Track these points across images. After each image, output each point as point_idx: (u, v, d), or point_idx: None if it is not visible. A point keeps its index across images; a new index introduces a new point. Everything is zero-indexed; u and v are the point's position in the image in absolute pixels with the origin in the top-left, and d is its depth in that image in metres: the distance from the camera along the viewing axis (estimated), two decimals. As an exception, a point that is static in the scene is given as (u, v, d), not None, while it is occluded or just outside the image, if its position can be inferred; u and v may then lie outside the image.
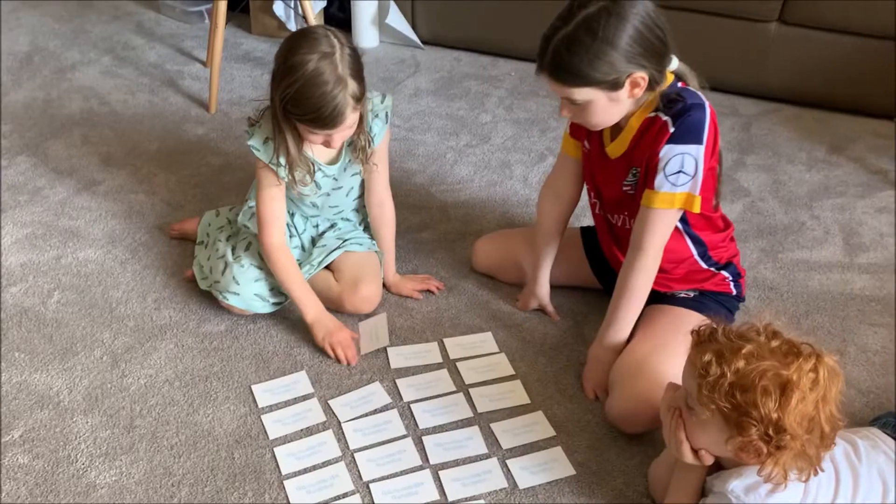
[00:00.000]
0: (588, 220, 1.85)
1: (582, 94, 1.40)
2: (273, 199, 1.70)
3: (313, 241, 1.89)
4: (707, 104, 1.46)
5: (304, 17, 2.71)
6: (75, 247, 2.02)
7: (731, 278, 1.67)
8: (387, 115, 1.72)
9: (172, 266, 1.96)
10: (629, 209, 1.58)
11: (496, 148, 2.50)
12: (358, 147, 1.70)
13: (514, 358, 1.72)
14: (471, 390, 1.64)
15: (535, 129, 2.59)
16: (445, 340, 1.76)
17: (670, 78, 1.48)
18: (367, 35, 3.13)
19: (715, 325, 1.24)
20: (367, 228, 1.92)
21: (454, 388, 1.64)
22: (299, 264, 1.81)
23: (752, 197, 2.32)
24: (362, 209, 1.90)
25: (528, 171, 2.38)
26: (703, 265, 1.63)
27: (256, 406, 1.59)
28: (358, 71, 1.54)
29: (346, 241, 1.84)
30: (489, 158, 2.45)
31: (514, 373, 1.68)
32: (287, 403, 1.60)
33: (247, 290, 1.73)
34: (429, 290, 1.88)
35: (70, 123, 2.57)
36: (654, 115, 1.47)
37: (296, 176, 1.66)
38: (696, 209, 1.48)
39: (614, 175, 1.57)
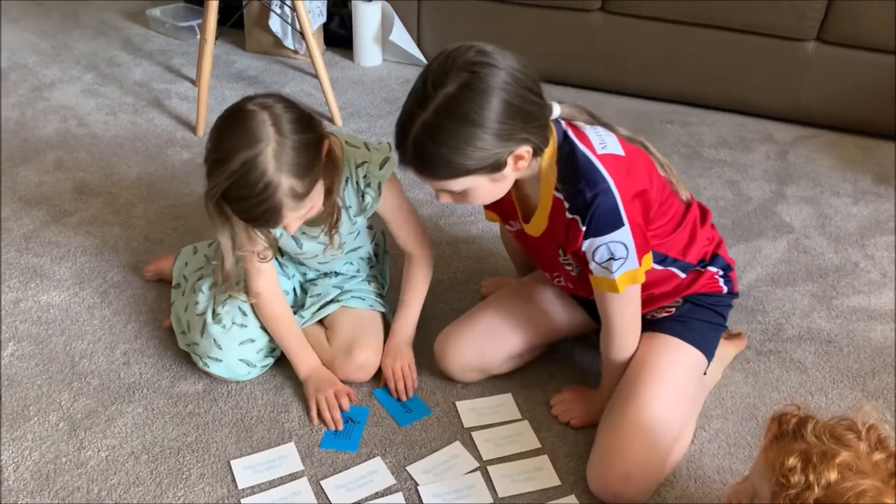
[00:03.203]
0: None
1: (459, 184, 1.20)
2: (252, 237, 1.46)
3: (304, 289, 1.65)
4: (609, 181, 1.22)
5: (302, 34, 2.49)
6: (38, 288, 1.78)
7: (720, 272, 1.47)
8: (380, 186, 1.46)
9: (147, 312, 1.72)
10: (574, 283, 1.44)
11: (510, 176, 2.28)
12: (328, 222, 1.45)
13: (539, 426, 1.48)
14: (489, 468, 1.39)
15: (552, 155, 2.37)
16: (458, 404, 1.52)
17: (554, 134, 1.27)
18: (369, 53, 2.94)
19: (802, 415, 0.99)
20: (371, 280, 1.69)
21: (470, 467, 1.39)
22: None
23: (796, 234, 2.09)
24: (358, 261, 1.67)
25: (546, 202, 2.15)
26: (682, 275, 1.44)
27: (236, 487, 1.35)
28: (300, 164, 1.25)
29: (344, 292, 1.60)
30: (503, 188, 2.23)
31: (539, 445, 1.44)
32: (272, 484, 1.35)
33: (230, 355, 1.49)
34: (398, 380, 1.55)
35: (44, 146, 2.35)
36: (559, 195, 1.28)
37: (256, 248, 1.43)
38: (642, 277, 1.30)
39: (546, 252, 1.40)
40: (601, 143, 1.26)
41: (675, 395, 1.37)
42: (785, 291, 1.87)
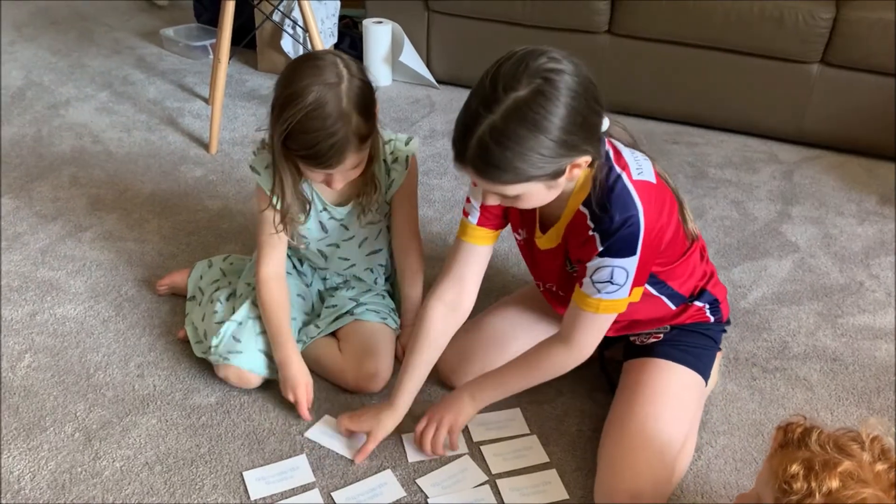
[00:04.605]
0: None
1: (516, 189, 1.18)
2: (272, 225, 1.52)
3: (321, 298, 1.68)
4: (639, 209, 1.22)
5: (314, 53, 2.53)
6: (53, 301, 1.81)
7: (707, 307, 1.48)
8: (407, 160, 1.54)
9: (160, 325, 1.75)
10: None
11: (518, 195, 2.31)
12: (362, 192, 1.52)
13: (548, 441, 1.50)
14: (498, 481, 1.41)
15: (560, 174, 2.40)
16: (468, 418, 1.53)
17: None
18: (379, 73, 2.98)
19: (808, 425, 1.01)
20: (385, 294, 1.72)
21: (479, 480, 1.41)
22: (305, 322, 1.62)
23: (801, 253, 2.11)
24: (378, 269, 1.70)
25: (554, 220, 2.18)
26: (674, 307, 1.46)
27: (248, 497, 1.37)
28: (366, 106, 1.35)
29: (359, 304, 1.63)
30: (511, 206, 2.26)
31: (548, 460, 1.46)
32: (283, 495, 1.37)
33: (250, 346, 1.52)
34: None
35: (59, 163, 2.39)
36: (584, 210, 1.27)
37: (286, 209, 1.48)
38: (624, 306, 1.31)
39: (552, 264, 1.41)
40: (637, 169, 1.26)
41: (675, 410, 1.39)
42: (790, 310, 1.89)
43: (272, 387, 1.58)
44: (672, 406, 1.39)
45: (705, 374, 1.47)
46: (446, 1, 2.84)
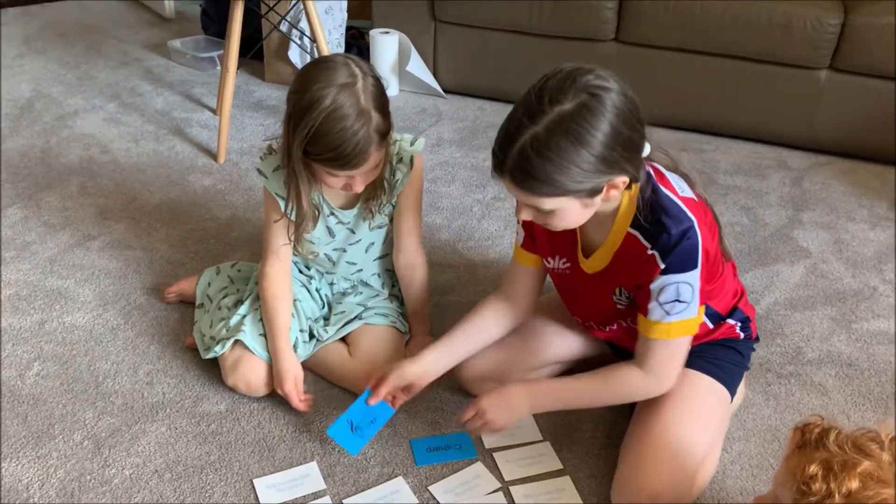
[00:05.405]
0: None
1: (552, 203, 1.17)
2: (279, 229, 1.53)
3: (329, 305, 1.68)
4: (694, 221, 1.21)
5: (321, 63, 2.54)
6: (62, 310, 1.81)
7: (738, 325, 1.46)
8: (412, 160, 1.52)
9: (169, 333, 1.74)
10: (622, 320, 1.40)
11: (527, 202, 2.30)
12: (371, 195, 1.51)
13: (561, 448, 1.48)
14: (511, 488, 1.39)
15: (568, 181, 2.39)
16: (479, 425, 1.52)
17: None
18: (386, 83, 2.98)
19: (825, 425, 1.00)
20: (393, 298, 1.71)
21: (492, 487, 1.39)
22: (315, 320, 1.63)
23: (813, 258, 2.09)
24: (385, 274, 1.69)
25: (563, 227, 2.17)
26: (711, 325, 1.43)
27: (259, 505, 1.35)
28: (382, 103, 1.35)
29: (367, 309, 1.63)
30: (520, 213, 2.25)
31: (561, 466, 1.44)
32: (294, 502, 1.35)
33: (252, 330, 1.53)
34: None
35: (68, 173, 2.39)
36: (635, 233, 1.25)
37: (301, 219, 1.48)
38: (696, 328, 1.30)
39: (598, 291, 1.38)
40: (680, 188, 1.26)
41: (699, 419, 1.37)
42: (804, 315, 1.87)
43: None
44: (697, 414, 1.37)
45: (731, 389, 1.45)
46: (453, 10, 2.85)
